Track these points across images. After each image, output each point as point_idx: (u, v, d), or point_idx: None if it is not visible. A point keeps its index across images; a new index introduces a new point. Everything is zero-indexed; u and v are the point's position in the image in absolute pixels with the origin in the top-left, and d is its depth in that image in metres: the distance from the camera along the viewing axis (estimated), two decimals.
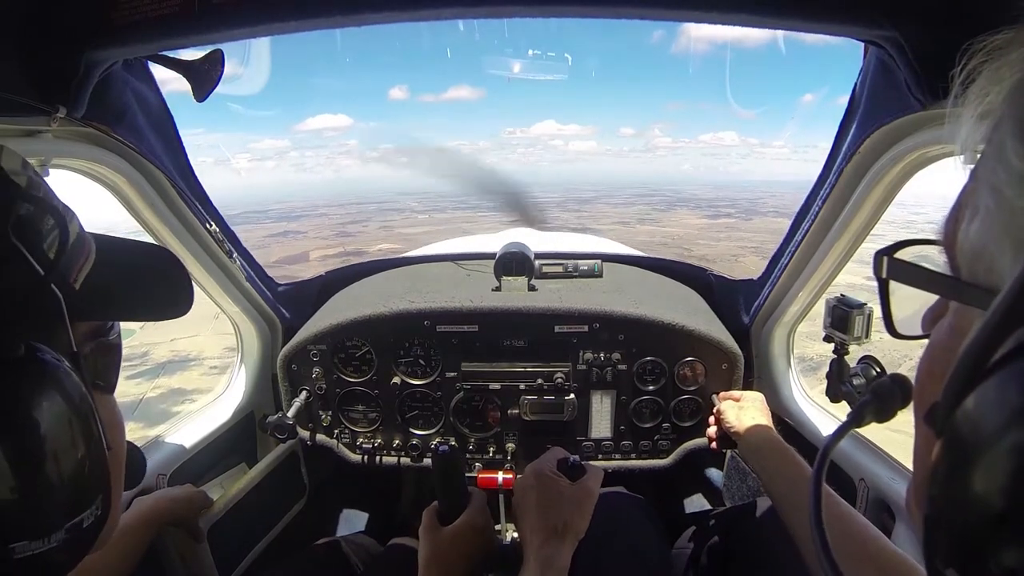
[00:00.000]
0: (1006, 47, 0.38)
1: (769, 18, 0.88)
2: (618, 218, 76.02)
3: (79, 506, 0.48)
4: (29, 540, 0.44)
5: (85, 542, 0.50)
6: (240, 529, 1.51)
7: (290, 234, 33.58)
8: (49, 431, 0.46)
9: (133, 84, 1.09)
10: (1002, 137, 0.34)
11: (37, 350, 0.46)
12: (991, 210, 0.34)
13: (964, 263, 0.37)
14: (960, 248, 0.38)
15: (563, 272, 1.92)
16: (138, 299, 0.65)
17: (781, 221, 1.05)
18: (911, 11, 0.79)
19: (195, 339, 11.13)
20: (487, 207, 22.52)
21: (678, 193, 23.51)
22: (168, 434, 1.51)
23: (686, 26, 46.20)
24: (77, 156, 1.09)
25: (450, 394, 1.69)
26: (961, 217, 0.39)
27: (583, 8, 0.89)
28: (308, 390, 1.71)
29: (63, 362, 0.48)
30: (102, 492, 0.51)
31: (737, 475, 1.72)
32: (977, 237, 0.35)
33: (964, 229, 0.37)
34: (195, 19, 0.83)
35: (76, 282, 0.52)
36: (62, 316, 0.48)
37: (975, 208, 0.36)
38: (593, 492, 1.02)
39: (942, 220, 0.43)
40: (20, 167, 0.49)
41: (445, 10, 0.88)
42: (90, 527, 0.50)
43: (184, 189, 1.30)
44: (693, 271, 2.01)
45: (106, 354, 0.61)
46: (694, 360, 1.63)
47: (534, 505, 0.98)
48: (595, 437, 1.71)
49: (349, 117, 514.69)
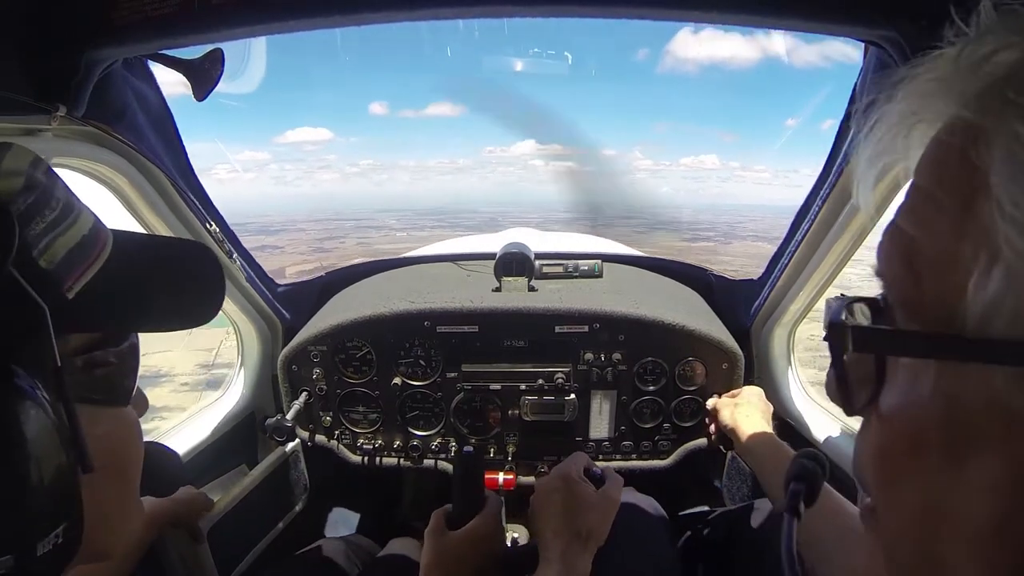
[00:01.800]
0: None
1: (769, 18, 0.88)
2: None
3: (31, 534, 0.45)
4: None
5: (44, 571, 0.47)
6: (240, 530, 1.50)
7: (267, 248, 33.39)
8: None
9: (133, 83, 1.09)
10: (1020, 165, 0.31)
11: (13, 374, 0.43)
12: (1013, 264, 0.31)
13: (967, 318, 0.33)
14: (956, 301, 0.33)
15: (563, 272, 1.92)
16: (159, 306, 0.60)
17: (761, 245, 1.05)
18: (911, 11, 0.79)
19: (167, 354, 11.05)
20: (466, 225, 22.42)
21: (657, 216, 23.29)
22: (168, 436, 1.51)
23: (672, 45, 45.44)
24: (77, 155, 1.09)
25: (450, 395, 1.69)
26: (931, 269, 0.36)
27: (583, 8, 0.89)
28: (308, 391, 1.70)
29: (34, 383, 0.45)
30: (66, 519, 0.47)
31: (737, 475, 1.72)
32: (995, 291, 0.31)
33: (974, 281, 0.33)
34: (195, 18, 0.83)
35: (72, 289, 0.49)
36: (44, 329, 0.44)
37: (990, 253, 0.32)
38: (616, 500, 1.01)
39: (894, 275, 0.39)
40: (28, 164, 0.47)
41: (445, 10, 0.88)
42: (46, 555, 0.46)
43: (184, 189, 1.30)
44: (693, 271, 2.00)
45: (111, 367, 0.56)
46: (694, 360, 1.63)
47: (560, 508, 0.97)
48: (595, 437, 1.71)
49: (329, 131, 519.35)
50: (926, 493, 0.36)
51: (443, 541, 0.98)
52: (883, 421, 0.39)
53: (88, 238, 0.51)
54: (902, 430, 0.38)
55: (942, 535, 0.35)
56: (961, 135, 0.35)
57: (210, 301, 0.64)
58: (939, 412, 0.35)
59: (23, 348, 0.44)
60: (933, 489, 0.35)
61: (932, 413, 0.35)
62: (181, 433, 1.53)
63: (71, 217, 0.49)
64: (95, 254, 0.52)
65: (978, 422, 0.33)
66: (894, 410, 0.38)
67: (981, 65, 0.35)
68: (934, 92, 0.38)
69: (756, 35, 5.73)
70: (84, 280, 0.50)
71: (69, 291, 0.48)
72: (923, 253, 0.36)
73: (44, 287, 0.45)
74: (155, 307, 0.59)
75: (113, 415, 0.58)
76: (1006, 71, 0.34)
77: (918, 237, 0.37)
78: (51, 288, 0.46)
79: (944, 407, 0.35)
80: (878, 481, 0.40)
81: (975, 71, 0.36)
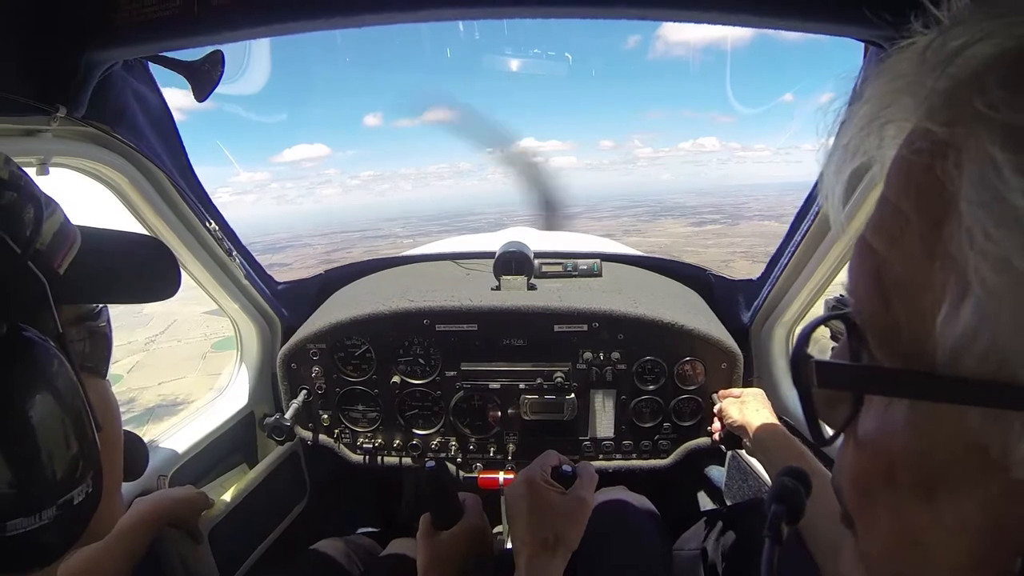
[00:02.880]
0: None
1: (769, 18, 0.88)
2: (604, 231, 75.94)
3: (69, 482, 0.49)
4: (21, 517, 0.45)
5: (78, 520, 0.51)
6: (241, 530, 1.51)
7: (275, 267, 33.53)
8: (34, 407, 0.47)
9: (133, 84, 1.10)
10: (994, 192, 0.28)
11: (22, 329, 0.48)
12: (987, 295, 0.28)
13: (937, 352, 0.30)
14: (924, 335, 0.31)
15: (562, 271, 1.92)
16: (124, 284, 0.68)
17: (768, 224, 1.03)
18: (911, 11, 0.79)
19: (182, 382, 11.01)
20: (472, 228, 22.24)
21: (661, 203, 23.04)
22: (168, 435, 1.51)
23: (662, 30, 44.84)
24: (77, 155, 1.09)
25: (450, 393, 1.70)
26: (901, 295, 0.33)
27: (583, 8, 0.89)
28: (308, 389, 1.70)
29: (49, 342, 0.50)
30: (92, 469, 0.52)
31: (738, 475, 1.72)
32: (966, 324, 0.29)
33: (944, 313, 0.30)
34: (195, 21, 0.83)
35: (60, 267, 0.54)
36: (46, 298, 0.49)
37: (956, 290, 0.29)
38: (587, 501, 0.96)
39: (863, 296, 0.36)
40: (2, 163, 0.51)
41: (445, 10, 0.88)
42: (81, 504, 0.50)
43: (184, 188, 1.30)
44: (693, 271, 2.01)
45: (94, 339, 0.62)
46: (694, 359, 1.63)
47: (525, 515, 0.94)
48: (595, 437, 1.72)
49: (326, 146, 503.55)
50: (901, 524, 0.34)
51: (436, 541, 0.98)
52: (858, 447, 0.37)
53: (65, 224, 0.57)
54: (876, 460, 0.35)
55: (920, 563, 0.34)
56: (929, 149, 0.32)
57: (166, 283, 0.72)
58: (911, 447, 0.33)
59: (28, 315, 0.49)
60: (908, 521, 0.34)
61: (904, 447, 0.33)
62: (181, 433, 1.54)
63: (51, 206, 0.54)
64: (73, 237, 0.57)
65: (951, 462, 0.31)
66: (868, 438, 0.36)
67: (949, 63, 0.32)
68: (901, 90, 0.35)
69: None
70: (69, 259, 0.55)
71: (59, 268, 0.54)
72: (892, 274, 0.34)
73: (40, 265, 0.50)
74: (122, 284, 0.67)
75: (99, 385, 0.63)
76: (973, 71, 0.31)
77: (887, 256, 0.34)
78: (47, 265, 0.51)
79: (916, 443, 0.33)
80: (853, 506, 0.39)
81: (942, 68, 0.32)
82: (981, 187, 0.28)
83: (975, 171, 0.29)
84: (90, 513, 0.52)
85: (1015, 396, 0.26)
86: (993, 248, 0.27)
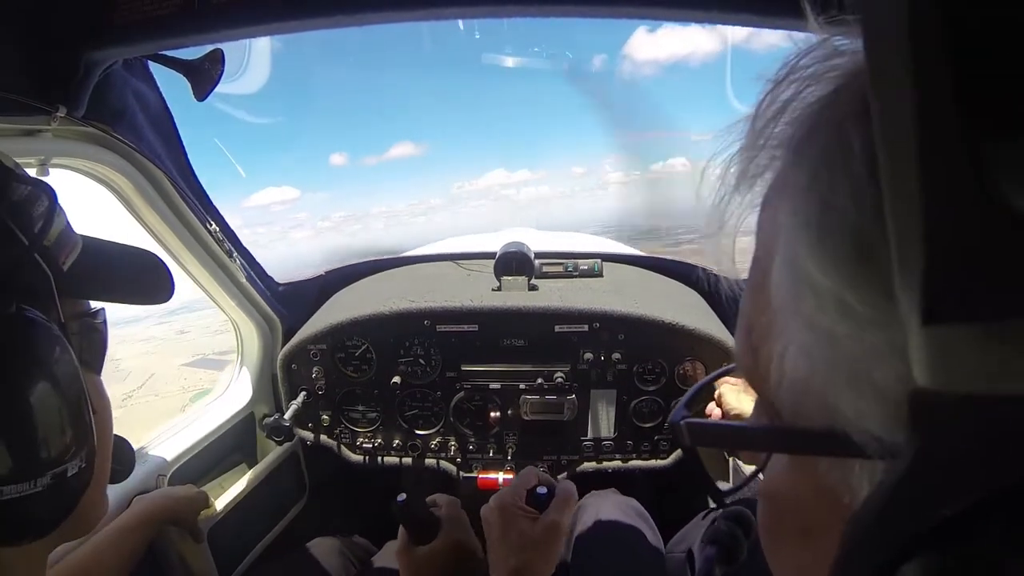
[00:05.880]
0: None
1: (768, 18, 0.88)
2: None
3: (63, 454, 0.51)
4: (16, 483, 0.47)
5: (69, 494, 0.52)
6: (240, 529, 1.51)
7: None
8: (35, 379, 0.49)
9: (133, 84, 1.09)
10: (792, 252, 0.27)
11: (27, 310, 0.50)
12: (808, 344, 0.27)
13: (785, 402, 0.30)
14: (775, 385, 0.31)
15: (563, 272, 1.92)
16: (121, 288, 0.71)
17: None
18: None
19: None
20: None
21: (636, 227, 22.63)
22: (168, 435, 1.51)
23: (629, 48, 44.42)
24: (77, 155, 1.09)
25: (450, 394, 1.69)
26: (760, 346, 0.32)
27: (583, 8, 0.89)
28: (308, 390, 1.71)
29: (52, 325, 0.52)
30: (87, 447, 0.54)
31: (737, 474, 1.72)
32: (797, 374, 0.29)
33: (776, 365, 0.30)
34: (195, 19, 0.83)
35: (64, 264, 0.57)
36: (51, 290, 0.53)
37: (784, 340, 0.29)
38: (560, 527, 0.91)
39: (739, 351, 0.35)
40: (13, 164, 0.53)
41: (445, 10, 0.87)
42: (74, 478, 0.52)
43: (184, 188, 1.30)
44: (693, 271, 2.00)
45: (92, 336, 0.64)
46: (694, 359, 1.63)
47: (495, 543, 0.91)
48: (595, 437, 1.71)
49: (295, 188, 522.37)
50: (796, 563, 0.35)
51: (413, 556, 0.95)
52: (760, 496, 0.37)
53: (68, 226, 0.59)
54: (769, 505, 0.37)
55: None
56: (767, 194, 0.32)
57: (159, 290, 0.75)
58: (788, 495, 0.34)
59: (32, 302, 0.51)
60: (798, 564, 0.34)
61: (785, 495, 0.34)
62: (181, 433, 1.54)
63: (57, 208, 0.56)
64: (76, 239, 0.60)
65: (815, 507, 0.31)
66: (764, 488, 0.37)
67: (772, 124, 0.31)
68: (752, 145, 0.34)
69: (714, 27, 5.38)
70: (72, 258, 0.58)
71: (64, 264, 0.57)
72: (756, 327, 0.33)
73: (46, 259, 0.53)
74: (119, 287, 0.70)
75: (94, 380, 0.65)
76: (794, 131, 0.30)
77: (750, 308, 0.34)
78: (52, 261, 0.54)
79: (791, 491, 0.33)
80: (764, 547, 0.39)
81: (766, 135, 0.32)
82: (784, 246, 0.28)
83: (788, 204, 0.28)
84: (81, 490, 0.54)
85: (847, 444, 0.26)
86: (799, 306, 0.27)
